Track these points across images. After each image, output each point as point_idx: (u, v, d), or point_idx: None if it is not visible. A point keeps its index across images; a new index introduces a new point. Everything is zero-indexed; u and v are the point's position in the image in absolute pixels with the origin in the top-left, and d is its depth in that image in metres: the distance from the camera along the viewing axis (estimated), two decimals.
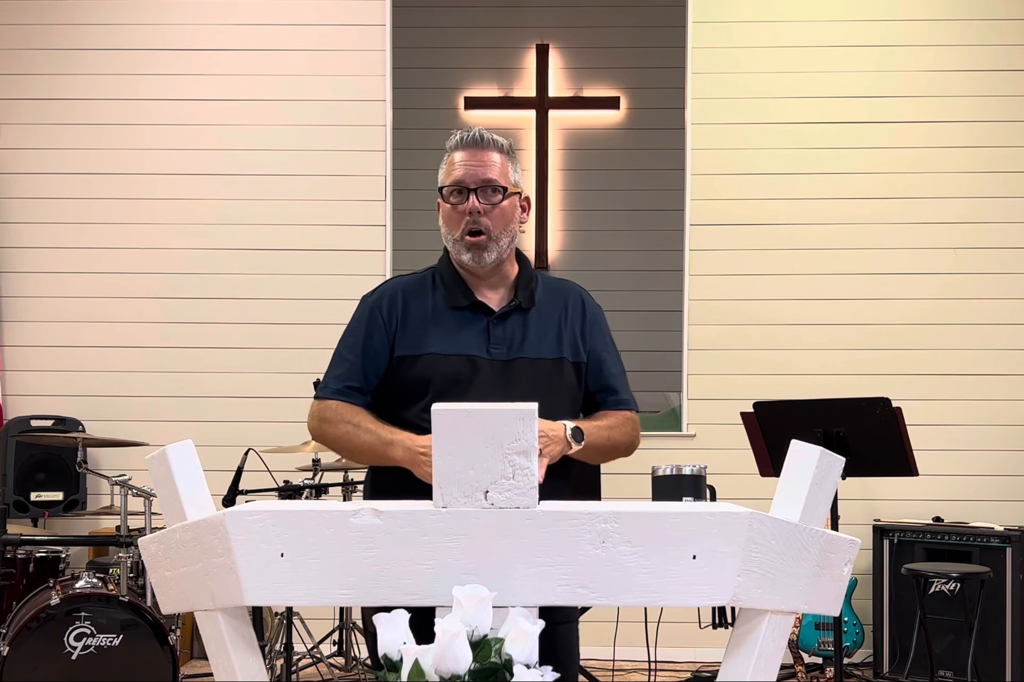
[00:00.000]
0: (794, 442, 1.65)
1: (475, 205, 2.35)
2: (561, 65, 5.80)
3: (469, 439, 1.57)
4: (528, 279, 2.46)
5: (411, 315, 2.40)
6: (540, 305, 2.44)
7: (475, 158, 2.38)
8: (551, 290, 2.49)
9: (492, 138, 2.41)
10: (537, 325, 2.42)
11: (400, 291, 2.44)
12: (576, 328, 2.45)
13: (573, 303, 2.49)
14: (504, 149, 2.42)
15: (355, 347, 2.42)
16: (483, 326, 2.39)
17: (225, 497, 4.01)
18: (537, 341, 2.39)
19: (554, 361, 2.39)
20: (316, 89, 5.82)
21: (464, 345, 2.36)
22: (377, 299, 2.45)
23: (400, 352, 2.38)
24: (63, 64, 5.83)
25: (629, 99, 5.78)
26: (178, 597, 1.68)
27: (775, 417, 4.07)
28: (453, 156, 2.41)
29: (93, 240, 5.81)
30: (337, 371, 2.43)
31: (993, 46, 5.71)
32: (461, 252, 2.39)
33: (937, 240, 5.70)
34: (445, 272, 2.46)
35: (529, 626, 1.50)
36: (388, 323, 2.40)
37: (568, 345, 2.43)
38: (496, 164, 2.38)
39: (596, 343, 2.47)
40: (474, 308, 2.41)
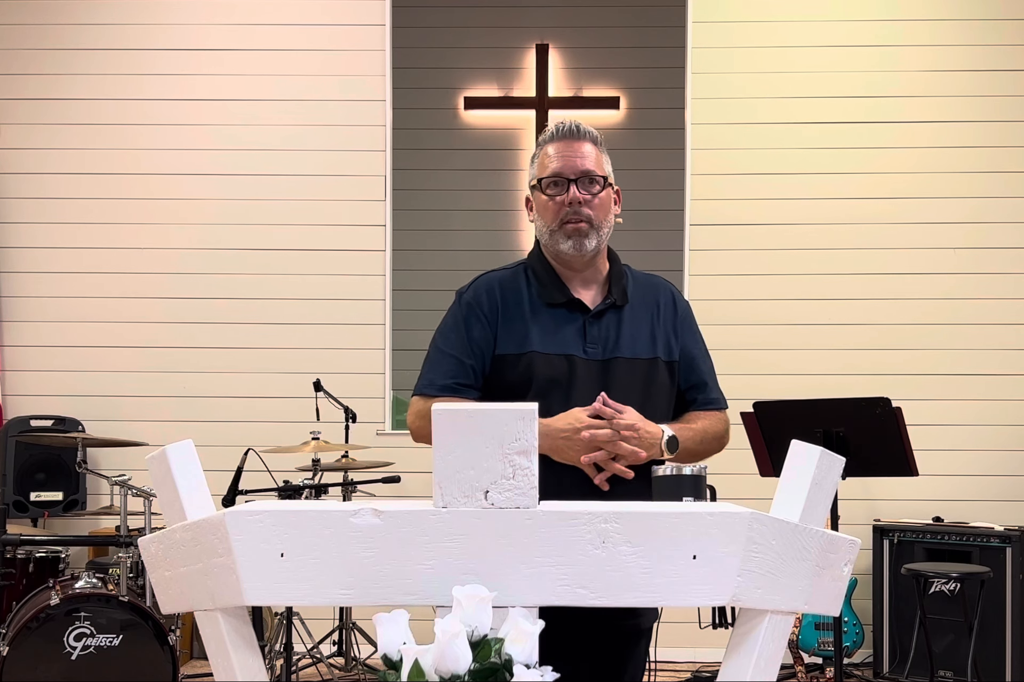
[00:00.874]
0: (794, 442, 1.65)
1: (576, 195, 2.32)
2: (561, 65, 5.80)
3: (469, 439, 1.57)
4: (620, 275, 2.43)
5: (511, 313, 2.35)
6: (632, 302, 2.40)
7: (571, 149, 2.35)
8: (642, 286, 2.45)
9: (587, 129, 2.38)
10: (631, 323, 2.38)
11: (496, 285, 2.38)
12: (668, 326, 2.42)
13: (664, 300, 2.45)
14: (598, 141, 2.39)
15: (458, 344, 2.34)
16: (579, 324, 2.34)
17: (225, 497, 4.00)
18: (632, 340, 2.36)
19: (649, 361, 2.36)
20: (316, 89, 5.82)
21: (563, 344, 2.31)
22: (475, 294, 2.38)
23: (501, 350, 2.32)
24: (62, 64, 5.84)
25: (629, 99, 5.79)
26: (178, 597, 1.68)
27: (775, 417, 4.07)
28: (547, 148, 2.37)
29: (93, 240, 5.81)
30: (442, 368, 2.34)
31: (993, 46, 5.71)
32: (560, 241, 2.34)
33: (937, 240, 5.71)
34: (538, 267, 2.40)
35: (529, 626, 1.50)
36: (489, 319, 2.34)
37: (662, 344, 2.39)
38: (592, 155, 2.36)
39: (687, 341, 2.45)
40: (570, 305, 2.36)
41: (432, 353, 2.38)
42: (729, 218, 5.74)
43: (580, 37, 5.80)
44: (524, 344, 2.32)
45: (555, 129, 2.38)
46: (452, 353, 2.34)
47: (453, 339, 2.35)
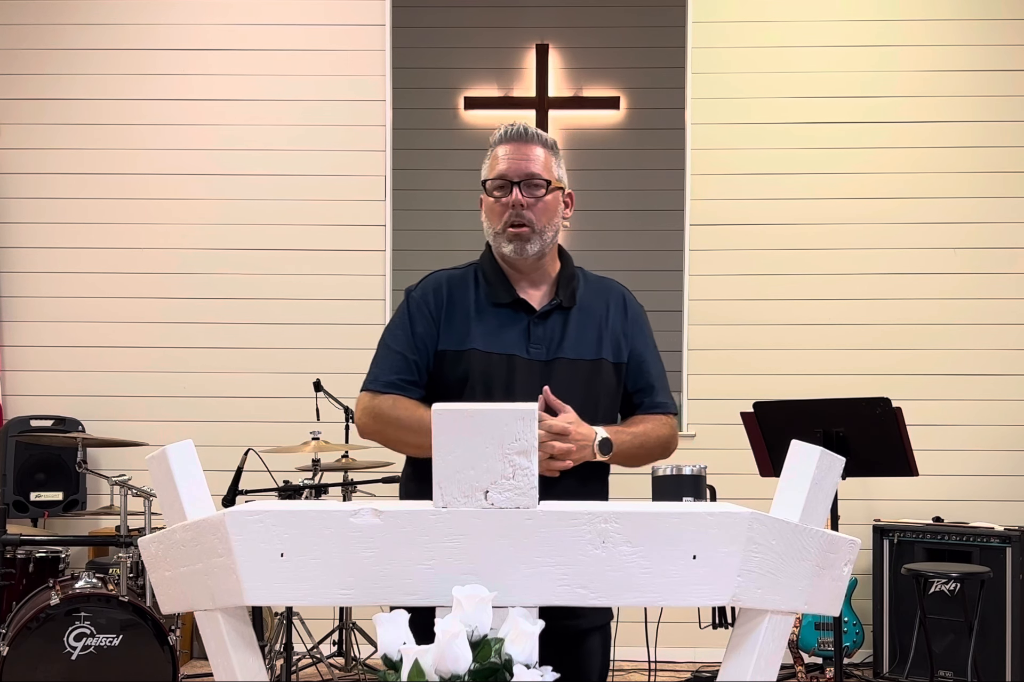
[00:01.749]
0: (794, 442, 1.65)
1: (518, 198, 2.34)
2: (561, 65, 5.80)
3: (469, 439, 1.57)
4: (570, 277, 2.44)
5: (456, 309, 2.38)
6: (582, 304, 2.41)
7: (518, 152, 2.37)
8: (593, 288, 2.46)
9: (536, 132, 2.40)
10: (578, 325, 2.39)
11: (444, 284, 2.42)
12: (618, 328, 2.42)
13: (615, 302, 2.46)
14: (548, 144, 2.41)
15: (404, 340, 2.38)
16: (524, 325, 2.36)
17: (225, 497, 4.01)
18: (577, 341, 2.36)
19: (593, 362, 2.36)
20: (316, 89, 5.82)
21: (505, 344, 2.33)
22: (422, 291, 2.42)
23: (443, 346, 2.35)
24: (62, 64, 5.83)
25: (629, 99, 5.79)
26: (178, 597, 1.68)
27: (775, 417, 4.07)
28: (496, 150, 2.41)
29: (92, 240, 5.81)
30: (387, 363, 2.38)
31: (993, 46, 5.71)
32: (503, 244, 2.37)
33: (937, 240, 5.71)
34: (487, 267, 2.43)
35: (529, 626, 1.50)
36: (435, 315, 2.37)
37: (609, 345, 2.40)
38: (539, 158, 2.37)
39: (637, 343, 2.44)
40: (516, 305, 2.38)
41: (379, 349, 2.43)
42: (729, 218, 5.74)
43: (580, 37, 5.80)
44: (465, 341, 2.34)
45: (504, 131, 2.41)
46: (397, 349, 2.38)
47: (399, 335, 2.40)
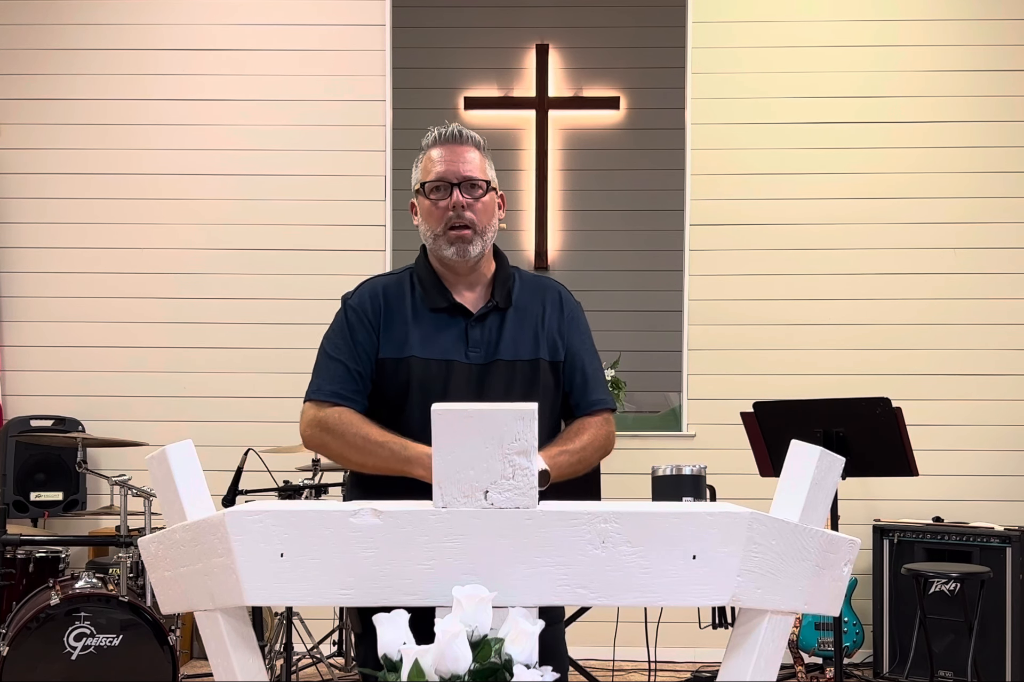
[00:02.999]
0: (794, 442, 1.65)
1: (459, 199, 2.33)
2: (561, 65, 5.80)
3: (469, 439, 1.57)
4: (505, 278, 2.44)
5: (393, 317, 2.38)
6: (518, 304, 2.42)
7: (454, 154, 2.37)
8: (529, 288, 2.46)
9: (469, 134, 2.40)
10: (514, 325, 2.39)
11: (380, 291, 2.41)
12: (554, 326, 2.42)
13: (551, 300, 2.45)
14: (480, 145, 2.41)
15: (345, 349, 2.37)
16: (461, 329, 2.36)
17: (225, 497, 4.01)
18: (513, 342, 2.37)
19: (531, 362, 2.36)
20: (317, 89, 5.82)
21: (443, 349, 2.33)
22: (359, 299, 2.41)
23: (383, 354, 2.35)
24: (63, 64, 5.83)
25: (629, 99, 5.79)
26: (178, 597, 1.68)
27: (775, 417, 4.07)
28: (430, 153, 2.39)
29: (93, 240, 5.81)
30: (328, 373, 2.37)
31: (993, 46, 5.71)
32: (444, 247, 2.36)
33: (937, 240, 5.71)
34: (423, 272, 2.42)
35: (529, 626, 1.50)
36: (373, 323, 2.37)
37: (546, 345, 2.40)
38: (475, 160, 2.38)
39: (574, 340, 2.44)
40: (452, 310, 2.38)
41: (320, 359, 2.43)
42: (729, 218, 5.74)
43: (580, 37, 5.80)
44: (404, 349, 2.34)
45: (437, 134, 2.40)
46: (339, 358, 2.38)
47: (340, 344, 2.39)
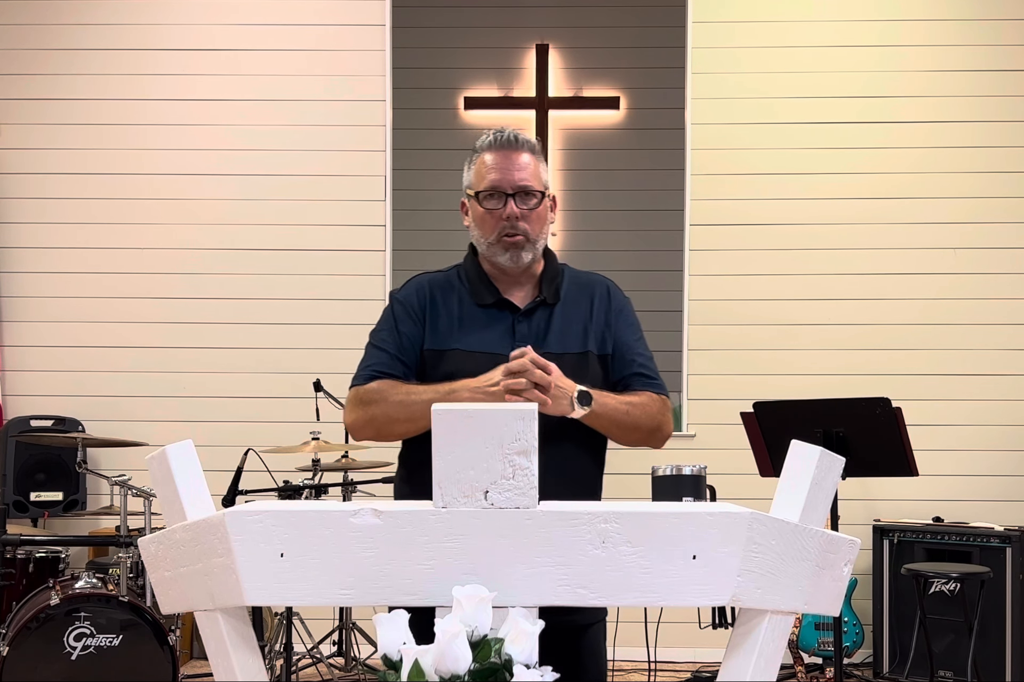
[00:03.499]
0: (794, 442, 1.65)
1: (514, 211, 2.34)
2: (561, 65, 5.80)
3: (469, 439, 1.57)
4: (554, 274, 2.44)
5: (439, 311, 2.39)
6: (566, 299, 2.42)
7: (509, 161, 2.35)
8: (577, 284, 2.47)
9: (524, 139, 2.38)
10: (563, 319, 2.39)
11: (427, 286, 2.43)
12: (601, 320, 2.43)
13: (600, 294, 2.46)
14: (535, 150, 2.40)
15: (389, 339, 2.38)
16: (508, 324, 2.37)
17: (225, 497, 4.01)
18: (562, 335, 2.37)
19: (579, 355, 2.37)
20: (316, 89, 5.82)
21: (489, 343, 2.34)
22: (406, 294, 2.44)
23: (427, 345, 2.36)
24: (62, 64, 5.83)
25: (629, 99, 5.79)
26: (178, 597, 1.68)
27: (775, 417, 4.07)
28: (484, 157, 2.38)
29: (93, 240, 5.81)
30: (372, 361, 2.38)
31: (993, 46, 5.71)
32: (497, 254, 2.37)
33: (937, 240, 5.71)
34: (471, 270, 2.44)
35: (529, 626, 1.50)
36: (419, 316, 2.38)
37: (594, 338, 2.40)
38: (530, 166, 2.36)
39: (622, 332, 2.44)
40: (499, 305, 2.39)
41: (366, 350, 2.43)
42: (729, 218, 5.74)
43: (580, 37, 5.80)
44: (448, 341, 2.36)
45: (493, 138, 2.38)
46: (383, 347, 2.39)
47: (384, 336, 2.41)
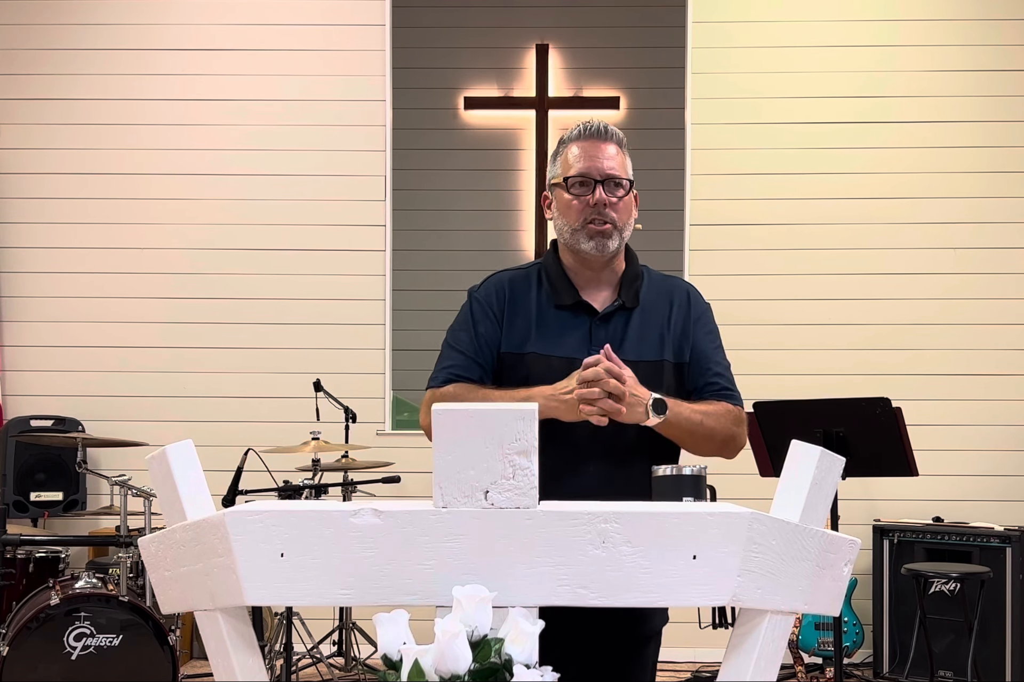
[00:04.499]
0: (794, 442, 1.65)
1: (602, 197, 2.32)
2: (561, 65, 5.80)
3: (469, 439, 1.57)
4: (634, 277, 2.42)
5: (518, 310, 2.36)
6: (645, 304, 2.39)
7: (598, 149, 2.34)
8: (657, 288, 2.44)
9: (614, 131, 2.37)
10: (640, 325, 2.36)
11: (507, 285, 2.40)
12: (679, 327, 2.39)
13: (679, 301, 2.43)
14: (622, 143, 2.38)
15: (466, 340, 2.36)
16: (586, 328, 2.34)
17: (225, 497, 4.01)
18: (638, 343, 2.34)
19: (654, 363, 2.33)
20: (316, 89, 5.82)
21: (565, 347, 2.31)
22: (485, 292, 2.40)
23: (505, 348, 2.34)
24: (62, 64, 5.83)
25: (629, 99, 5.79)
26: (178, 597, 1.68)
27: (775, 417, 4.07)
28: (571, 147, 2.36)
29: (93, 240, 5.81)
30: (448, 362, 2.36)
31: (993, 46, 5.71)
32: (582, 240, 2.34)
33: (937, 240, 5.71)
34: (552, 269, 2.41)
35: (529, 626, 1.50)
36: (497, 316, 2.36)
37: (671, 346, 2.36)
38: (617, 157, 2.35)
39: (700, 340, 2.40)
40: (577, 308, 2.36)
41: (442, 350, 2.41)
42: (729, 218, 5.74)
43: (580, 37, 5.80)
44: (525, 344, 2.33)
45: (583, 128, 2.36)
46: (459, 348, 2.36)
47: (462, 336, 2.38)
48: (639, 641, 2.31)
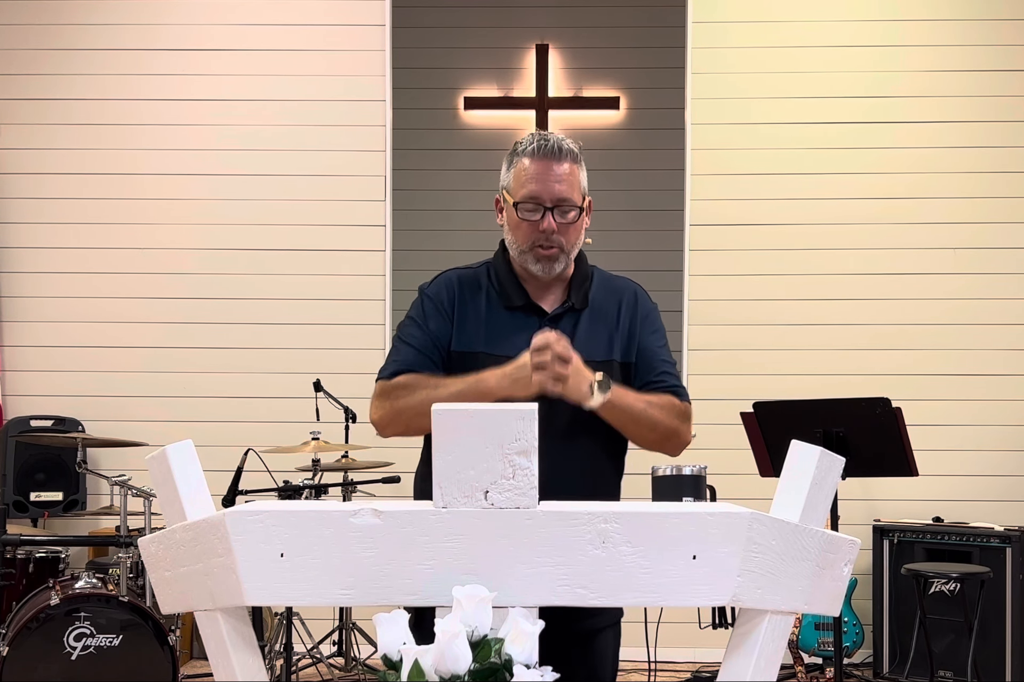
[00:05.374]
0: (794, 442, 1.65)
1: (551, 225, 2.31)
2: (561, 65, 5.80)
3: (469, 439, 1.57)
4: (583, 278, 2.43)
5: (468, 310, 2.38)
6: (594, 305, 2.41)
7: (550, 171, 2.30)
8: (606, 288, 2.45)
9: (568, 149, 2.33)
10: (589, 326, 2.38)
11: (456, 283, 2.41)
12: (627, 327, 2.41)
13: (627, 301, 2.44)
14: (577, 158, 2.35)
15: (418, 335, 2.37)
16: (535, 328, 2.33)
17: (225, 497, 4.01)
18: (587, 343, 2.35)
19: (603, 363, 2.34)
20: (316, 89, 5.82)
21: (514, 347, 2.30)
22: (436, 290, 2.41)
23: (455, 347, 2.35)
24: (62, 64, 5.83)
25: (629, 99, 5.78)
26: (178, 597, 1.68)
27: (775, 417, 4.07)
28: (525, 163, 2.33)
29: (93, 240, 5.81)
30: (399, 356, 2.38)
31: (993, 46, 5.71)
32: (529, 262, 2.35)
33: (937, 240, 5.71)
34: (501, 270, 2.42)
35: (529, 626, 1.50)
36: (448, 313, 2.37)
37: (619, 346, 2.39)
38: (571, 177, 2.32)
39: (647, 338, 2.43)
40: (527, 309, 2.38)
41: (393, 344, 2.43)
42: (729, 218, 5.74)
43: (580, 37, 5.79)
44: (474, 344, 2.35)
45: (537, 146, 2.32)
46: (409, 342, 2.38)
47: (412, 330, 2.39)
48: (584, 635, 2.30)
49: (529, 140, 2.35)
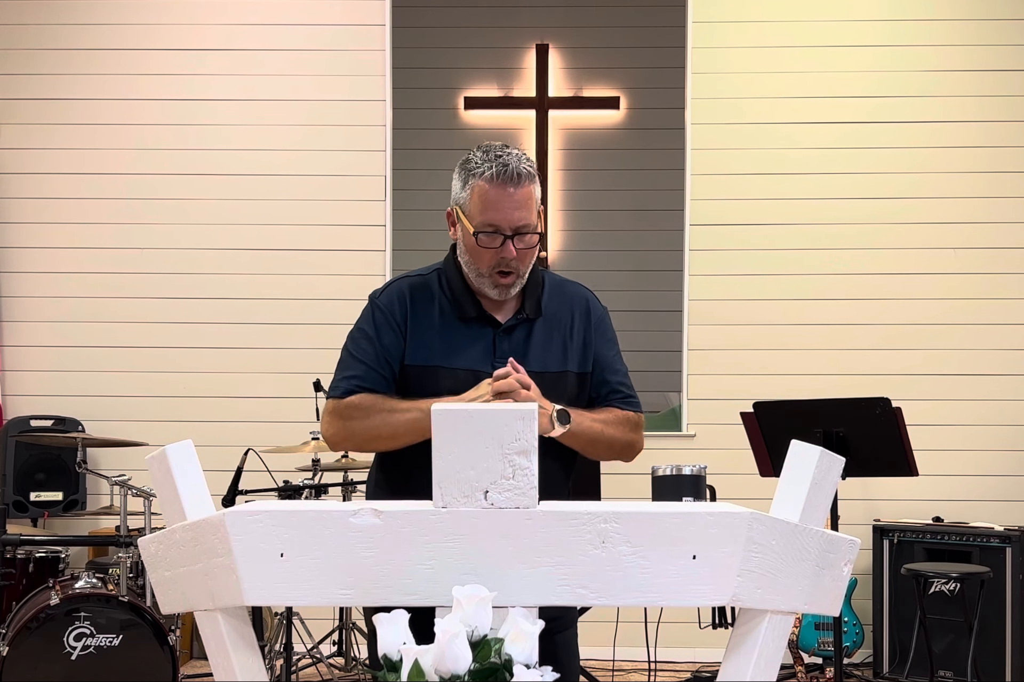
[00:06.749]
0: (794, 442, 1.65)
1: (511, 253, 2.28)
2: (561, 65, 5.80)
3: (469, 439, 1.57)
4: (535, 287, 2.40)
5: (420, 320, 2.34)
6: (547, 313, 2.40)
7: (510, 199, 2.26)
8: (558, 296, 2.44)
9: (527, 172, 2.27)
10: (543, 336, 2.37)
11: (408, 293, 2.37)
12: (580, 336, 2.41)
13: (580, 308, 2.43)
14: (534, 178, 2.31)
15: (370, 350, 2.33)
16: (489, 339, 2.34)
17: (225, 497, 4.01)
18: (542, 353, 2.35)
19: (558, 374, 2.35)
20: (317, 89, 5.82)
21: (469, 359, 2.31)
22: (387, 300, 2.37)
23: (408, 361, 2.32)
24: (62, 64, 5.83)
25: (629, 99, 5.78)
26: (178, 597, 1.68)
27: (775, 417, 4.08)
28: (484, 188, 2.27)
29: (92, 240, 5.81)
30: (350, 372, 2.33)
31: (995, 46, 5.71)
32: (486, 287, 2.33)
33: (937, 240, 5.71)
34: (453, 280, 2.38)
35: (529, 626, 1.50)
36: (400, 326, 2.34)
37: (574, 356, 2.39)
38: (529, 201, 2.28)
39: (600, 347, 2.43)
40: (481, 320, 2.35)
41: (343, 357, 2.38)
42: (729, 218, 5.74)
43: (580, 37, 5.79)
44: (430, 357, 2.32)
45: (496, 172, 2.25)
46: (361, 358, 2.34)
47: (364, 344, 2.35)
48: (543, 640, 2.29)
49: (487, 162, 2.27)
